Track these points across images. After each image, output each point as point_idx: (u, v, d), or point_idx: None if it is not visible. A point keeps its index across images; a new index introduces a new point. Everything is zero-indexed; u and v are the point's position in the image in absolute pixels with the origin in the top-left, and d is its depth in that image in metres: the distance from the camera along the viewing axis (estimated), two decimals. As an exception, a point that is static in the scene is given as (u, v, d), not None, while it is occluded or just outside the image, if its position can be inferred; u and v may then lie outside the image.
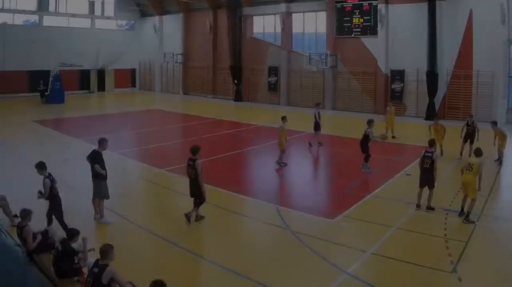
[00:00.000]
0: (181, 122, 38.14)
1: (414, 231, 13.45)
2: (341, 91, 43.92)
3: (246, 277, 10.55)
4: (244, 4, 50.04)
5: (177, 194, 17.01)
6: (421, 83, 38.43)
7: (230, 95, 52.61)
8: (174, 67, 59.07)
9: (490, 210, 15.18)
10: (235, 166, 22.39)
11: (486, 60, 35.15)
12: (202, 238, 13.74)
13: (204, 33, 54.55)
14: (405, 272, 10.93)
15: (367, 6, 41.47)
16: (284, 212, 14.99)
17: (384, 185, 18.35)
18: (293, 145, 25.74)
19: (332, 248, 12.40)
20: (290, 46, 47.57)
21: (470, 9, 35.77)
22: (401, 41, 39.40)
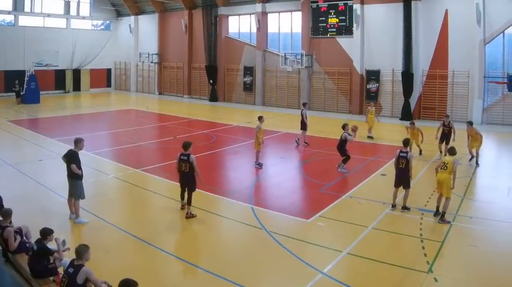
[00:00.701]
0: (156, 122, 36.87)
1: (389, 231, 13.20)
2: (316, 91, 42.50)
3: (221, 277, 10.28)
4: (220, 4, 48.35)
5: (152, 193, 16.66)
6: (396, 83, 37.33)
7: (206, 95, 51.03)
8: (149, 67, 57.29)
9: (465, 210, 15.01)
10: (210, 166, 21.39)
11: (461, 60, 34.12)
12: (178, 238, 13.35)
13: (180, 33, 52.76)
14: (381, 272, 10.69)
15: (342, 6, 40.12)
16: (259, 212, 14.63)
17: (359, 185, 17.97)
18: (269, 145, 25.03)
19: (308, 248, 12.12)
20: (266, 46, 45.98)
21: (446, 9, 34.75)
22: (377, 41, 38.26)
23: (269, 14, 45.52)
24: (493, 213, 14.87)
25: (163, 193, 16.75)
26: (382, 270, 10.77)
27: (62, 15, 55.77)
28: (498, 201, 16.20)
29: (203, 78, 50.89)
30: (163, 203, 15.64)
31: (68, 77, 56.77)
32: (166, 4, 54.14)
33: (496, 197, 16.66)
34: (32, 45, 50.17)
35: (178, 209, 14.76)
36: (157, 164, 20.64)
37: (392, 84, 37.69)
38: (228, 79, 49.33)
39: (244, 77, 47.58)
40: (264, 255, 11.70)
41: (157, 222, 14.02)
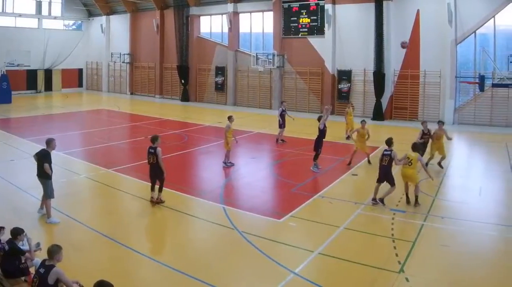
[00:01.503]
0: (128, 122, 35.02)
1: (361, 231, 12.74)
2: (288, 91, 40.70)
3: (193, 277, 9.88)
4: (191, 4, 46.25)
5: (124, 193, 16.10)
6: (368, 83, 35.81)
7: (177, 95, 48.89)
8: (121, 67, 54.78)
9: (437, 210, 14.48)
10: (182, 166, 20.57)
11: (433, 60, 32.78)
12: (150, 238, 12.78)
13: (151, 33, 50.55)
14: (353, 272, 10.34)
15: (314, 6, 38.52)
16: (231, 212, 14.12)
17: (331, 185, 17.27)
18: (241, 145, 23.86)
19: (279, 248, 11.60)
20: (237, 46, 44.03)
21: (417, 9, 33.37)
22: (348, 41, 36.68)
23: (240, 14, 43.63)
24: (464, 213, 14.33)
25: (135, 192, 16.06)
26: (353, 270, 10.40)
27: (34, 15, 53.20)
28: (470, 201, 15.62)
29: (175, 78, 48.92)
30: (135, 202, 15.13)
31: (40, 77, 54.20)
32: (138, 4, 51.86)
33: (467, 197, 16.07)
34: (3, 45, 47.68)
35: (150, 209, 14.35)
36: (128, 164, 19.72)
37: (364, 84, 36.20)
38: (200, 79, 47.33)
39: (215, 77, 45.62)
40: (236, 255, 11.34)
41: (129, 222, 13.56)
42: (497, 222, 13.50)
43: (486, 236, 12.53)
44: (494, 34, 31.37)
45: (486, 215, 14.04)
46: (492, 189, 17.43)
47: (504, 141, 26.32)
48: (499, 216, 14.10)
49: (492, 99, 31.24)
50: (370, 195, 15.13)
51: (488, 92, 30.82)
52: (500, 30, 31.26)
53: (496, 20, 31.05)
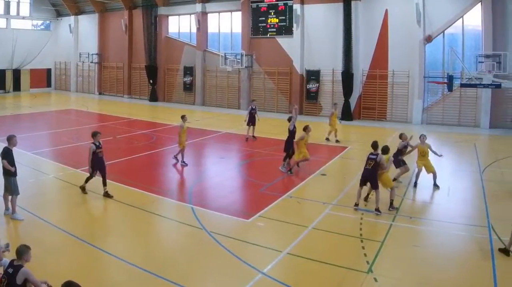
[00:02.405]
0: (96, 122, 32.84)
1: (330, 231, 12.19)
2: (256, 91, 38.37)
3: (161, 277, 9.42)
4: (159, 4, 43.60)
5: (92, 193, 15.00)
6: (336, 83, 33.82)
7: (146, 95, 46.06)
8: (89, 67, 51.69)
9: (405, 210, 13.93)
10: (150, 166, 19.61)
11: (401, 60, 31.00)
12: (118, 237, 12.01)
13: (120, 33, 47.54)
14: (321, 272, 9.89)
15: (282, 6, 36.28)
16: (199, 212, 13.45)
17: (299, 185, 16.60)
18: (209, 145, 24.00)
19: (248, 248, 11.17)
20: (206, 46, 41.52)
21: (386, 9, 31.54)
22: (317, 41, 34.64)
23: (209, 14, 41.13)
24: (433, 213, 14.04)
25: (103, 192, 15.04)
26: (322, 270, 9.96)
27: (2, 15, 49.82)
28: (438, 201, 15.12)
29: (143, 78, 46.06)
30: (103, 203, 14.37)
31: (8, 77, 50.92)
32: (106, 4, 48.84)
33: (436, 197, 15.43)
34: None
35: (118, 209, 13.85)
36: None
37: (332, 84, 34.20)
38: (168, 79, 44.66)
39: (184, 77, 42.99)
40: (204, 255, 10.78)
41: (97, 221, 13.22)
42: (465, 221, 12.90)
43: (454, 236, 12.00)
44: (462, 34, 29.86)
45: (455, 215, 13.43)
46: (461, 188, 16.64)
47: (472, 141, 25.35)
48: (468, 216, 13.48)
49: (461, 99, 29.75)
50: (339, 195, 14.72)
51: (456, 92, 29.28)
52: (468, 30, 29.73)
53: (464, 20, 29.56)
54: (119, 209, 13.86)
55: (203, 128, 28.75)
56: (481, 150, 23.59)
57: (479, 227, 12.37)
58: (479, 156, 21.58)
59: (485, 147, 24.79)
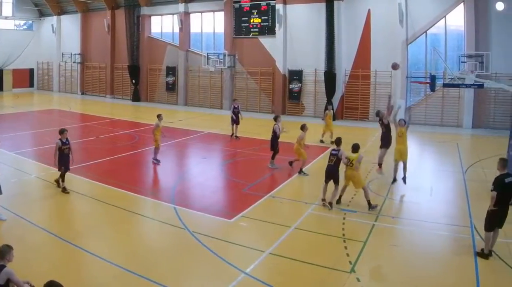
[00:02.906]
0: (79, 122, 31.43)
1: (312, 231, 11.88)
2: (239, 91, 36.98)
3: (144, 277, 9.10)
4: (142, 4, 41.91)
5: (75, 193, 14.59)
6: (319, 83, 32.61)
7: (128, 95, 44.30)
8: (72, 67, 49.78)
9: (387, 210, 13.57)
10: (133, 166, 19.09)
11: (384, 60, 29.24)
12: (100, 237, 11.48)
13: (102, 33, 45.71)
14: (304, 272, 9.55)
15: (265, 6, 34.92)
16: (182, 212, 13.01)
17: (282, 185, 16.08)
18: (192, 145, 23.36)
19: (230, 248, 10.84)
20: (188, 46, 40.00)
21: (368, 9, 30.40)
22: (299, 41, 33.41)
23: (191, 14, 39.61)
24: (415, 213, 13.38)
25: (86, 193, 14.75)
26: (304, 270, 9.66)
27: (-16, 15, 47.55)
28: (421, 201, 14.43)
29: (126, 78, 44.28)
30: (85, 202, 13.97)
31: (-10, 78, 48.66)
32: (89, 4, 47.04)
33: (418, 197, 14.79)
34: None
35: (101, 209, 13.42)
36: (79, 164, 17.60)
37: (315, 84, 32.97)
38: (151, 79, 42.94)
39: (166, 77, 41.39)
40: (187, 255, 10.43)
41: (79, 221, 12.70)
42: (448, 221, 12.53)
43: (437, 236, 11.65)
44: (445, 34, 28.82)
45: (437, 215, 13.02)
46: (443, 189, 16.15)
47: (455, 141, 24.55)
48: (450, 216, 13.11)
49: (443, 99, 28.76)
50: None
51: (439, 92, 28.27)
52: (451, 30, 28.69)
53: (447, 20, 28.55)
54: (102, 209, 13.41)
55: (186, 128, 27.84)
56: (464, 150, 22.85)
57: (461, 227, 12.00)
58: (461, 156, 20.88)
59: (467, 147, 24.02)
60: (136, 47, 42.79)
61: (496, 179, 9.79)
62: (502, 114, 27.33)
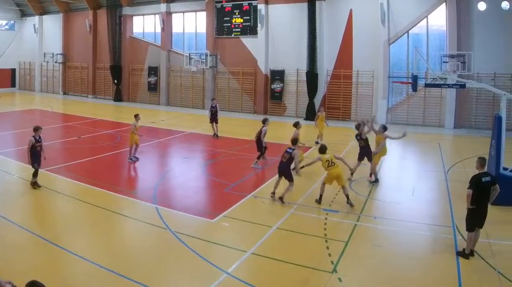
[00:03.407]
0: (61, 122, 30.11)
1: (294, 231, 11.40)
2: (221, 91, 35.53)
3: (126, 277, 8.69)
4: (124, 4, 40.13)
5: (56, 193, 14.16)
6: (301, 83, 31.33)
7: (110, 95, 42.52)
8: (54, 67, 47.67)
9: (369, 210, 13.12)
10: (115, 166, 18.43)
11: (366, 60, 28.68)
12: (82, 237, 11.02)
13: (84, 33, 43.83)
14: (286, 272, 9.18)
15: (247, 6, 33.54)
16: (164, 212, 12.58)
17: (264, 185, 15.42)
18: (174, 145, 22.63)
19: (212, 248, 10.35)
20: (170, 46, 38.44)
21: (350, 9, 29.18)
22: (281, 41, 32.10)
23: (173, 14, 38.01)
24: (397, 213, 12.93)
25: (67, 192, 14.22)
26: (286, 270, 9.30)
27: (-34, 15, 45.19)
28: (403, 201, 13.98)
29: (108, 78, 42.46)
30: (67, 202, 13.42)
31: (-29, 78, 46.22)
32: (71, 4, 45.03)
33: (400, 197, 14.32)
34: None
35: (82, 209, 12.89)
36: (61, 164, 17.54)
37: (297, 84, 31.68)
38: (133, 79, 41.15)
39: (148, 77, 39.67)
40: (169, 255, 10.03)
41: (61, 221, 12.18)
42: (430, 222, 12.10)
43: (419, 236, 11.24)
44: (427, 34, 27.70)
45: (419, 215, 12.59)
46: (425, 189, 15.52)
47: (437, 141, 23.67)
48: (432, 216, 12.64)
49: (425, 99, 27.63)
50: (303, 195, 14.01)
51: (421, 92, 27.12)
52: (433, 30, 27.59)
53: (429, 20, 27.46)
54: (84, 209, 12.91)
55: (168, 128, 26.84)
56: (446, 149, 22.12)
57: (444, 227, 11.57)
58: (443, 156, 20.14)
59: (449, 147, 23.18)
60: (118, 47, 41.06)
61: (473, 178, 9.56)
62: (484, 114, 26.31)
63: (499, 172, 13.03)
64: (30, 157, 14.11)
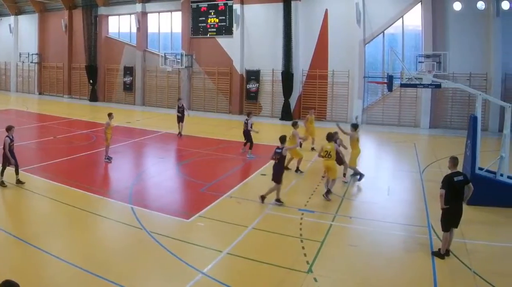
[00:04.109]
0: (36, 122, 28.30)
1: (270, 231, 10.76)
2: (196, 91, 33.57)
3: (101, 277, 8.19)
4: (100, 4, 37.78)
5: (32, 193, 13.30)
6: (276, 83, 29.57)
7: (86, 95, 40.06)
8: (29, 67, 44.97)
9: (345, 210, 12.46)
10: (90, 166, 17.36)
11: (341, 60, 27.10)
12: (58, 237, 10.26)
13: (60, 33, 41.27)
14: (262, 272, 8.70)
15: (222, 6, 31.64)
16: (139, 212, 11.83)
17: (239, 185, 14.88)
18: (149, 145, 21.48)
19: (188, 248, 9.74)
20: (146, 46, 36.18)
21: (326, 9, 27.52)
22: (257, 41, 30.33)
23: (149, 14, 35.78)
24: (373, 213, 12.28)
25: (43, 192, 13.42)
26: (262, 270, 8.77)
27: None
28: (378, 201, 13.32)
29: (83, 78, 39.99)
30: (43, 203, 12.67)
31: None
32: (46, 4, 42.38)
33: (376, 197, 13.69)
34: None
35: (58, 209, 12.19)
36: (36, 164, 16.68)
37: (272, 84, 29.94)
38: (108, 79, 38.80)
39: (124, 77, 37.40)
40: (144, 255, 9.41)
41: (36, 221, 11.31)
42: (405, 222, 11.57)
43: (394, 236, 10.72)
44: (402, 34, 26.26)
45: (395, 215, 12.03)
46: (401, 189, 14.82)
47: (412, 141, 22.47)
48: (408, 216, 12.16)
49: (401, 99, 26.16)
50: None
51: (396, 92, 25.72)
52: (408, 30, 26.14)
53: (404, 20, 26.01)
54: (59, 209, 12.25)
55: (143, 128, 25.40)
56: (421, 150, 21.05)
57: (419, 227, 11.07)
58: (419, 156, 19.23)
59: (425, 147, 22.02)
60: (93, 47, 38.67)
61: (445, 177, 9.21)
62: (460, 114, 25.03)
63: (474, 172, 12.52)
64: (9, 156, 13.57)
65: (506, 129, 12.64)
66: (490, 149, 19.19)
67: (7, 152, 13.49)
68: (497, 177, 12.74)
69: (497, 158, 12.96)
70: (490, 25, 24.09)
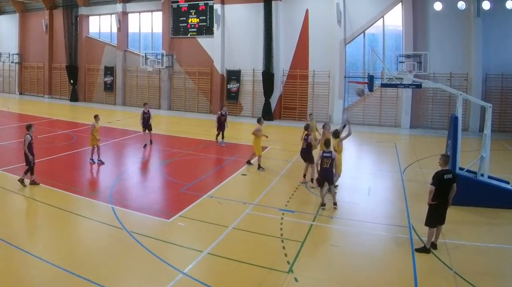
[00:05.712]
0: (17, 122, 26.34)
1: (250, 231, 10.00)
2: (177, 91, 31.15)
3: (82, 277, 7.69)
4: (80, 4, 34.82)
5: (13, 193, 12.40)
6: (257, 83, 27.36)
7: (66, 95, 37.09)
8: (10, 67, 41.76)
9: (326, 210, 11.41)
10: (71, 166, 16.27)
11: (322, 60, 25.07)
12: (38, 238, 9.77)
13: (40, 33, 38.19)
14: (242, 272, 8.14)
15: (203, 6, 29.33)
16: (120, 212, 10.95)
17: (220, 185, 13.79)
18: (129, 145, 20.20)
19: (168, 248, 9.12)
20: (126, 46, 33.49)
21: (307, 9, 25.42)
22: (238, 41, 28.11)
23: (129, 14, 33.05)
24: (353, 213, 11.44)
25: (24, 192, 12.51)
26: (242, 270, 8.18)
27: None
28: (359, 201, 12.50)
29: (64, 78, 37.02)
30: (24, 202, 11.91)
31: None
32: (27, 4, 39.06)
33: (356, 197, 12.83)
34: None
35: (39, 209, 11.45)
36: (18, 164, 15.39)
37: (253, 84, 27.72)
38: (89, 79, 35.90)
39: (104, 77, 34.62)
40: (125, 255, 8.78)
41: (17, 222, 10.59)
42: (386, 222, 10.78)
43: (375, 236, 9.97)
44: (383, 34, 24.35)
45: (376, 215, 11.21)
46: (382, 189, 13.98)
47: (393, 141, 21.04)
48: (389, 216, 11.31)
49: (381, 99, 24.23)
50: (260, 195, 12.62)
51: (377, 92, 23.84)
52: (389, 30, 24.16)
53: (385, 20, 24.11)
54: (40, 209, 11.55)
55: (124, 128, 23.73)
56: (402, 149, 19.67)
57: (400, 227, 10.44)
58: (400, 156, 18.00)
59: (405, 147, 20.45)
60: (74, 47, 35.71)
61: (436, 174, 8.82)
62: (440, 114, 23.28)
63: (455, 172, 11.64)
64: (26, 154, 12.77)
65: (486, 129, 11.96)
66: (470, 149, 18.05)
67: (26, 149, 12.67)
68: (478, 177, 12.07)
69: (478, 158, 12.23)
70: (471, 25, 22.50)
